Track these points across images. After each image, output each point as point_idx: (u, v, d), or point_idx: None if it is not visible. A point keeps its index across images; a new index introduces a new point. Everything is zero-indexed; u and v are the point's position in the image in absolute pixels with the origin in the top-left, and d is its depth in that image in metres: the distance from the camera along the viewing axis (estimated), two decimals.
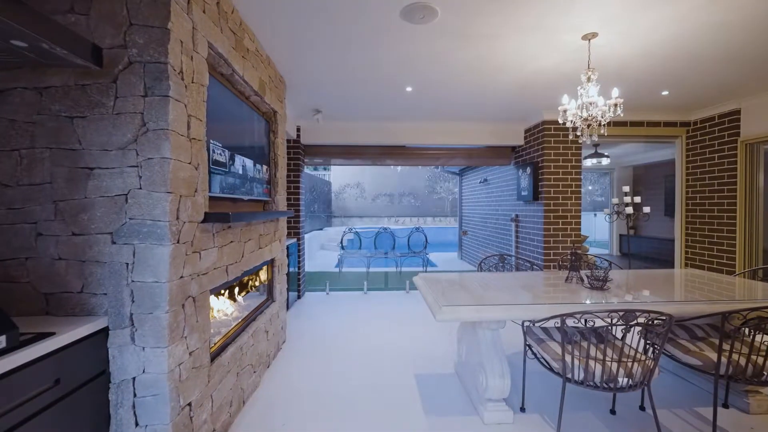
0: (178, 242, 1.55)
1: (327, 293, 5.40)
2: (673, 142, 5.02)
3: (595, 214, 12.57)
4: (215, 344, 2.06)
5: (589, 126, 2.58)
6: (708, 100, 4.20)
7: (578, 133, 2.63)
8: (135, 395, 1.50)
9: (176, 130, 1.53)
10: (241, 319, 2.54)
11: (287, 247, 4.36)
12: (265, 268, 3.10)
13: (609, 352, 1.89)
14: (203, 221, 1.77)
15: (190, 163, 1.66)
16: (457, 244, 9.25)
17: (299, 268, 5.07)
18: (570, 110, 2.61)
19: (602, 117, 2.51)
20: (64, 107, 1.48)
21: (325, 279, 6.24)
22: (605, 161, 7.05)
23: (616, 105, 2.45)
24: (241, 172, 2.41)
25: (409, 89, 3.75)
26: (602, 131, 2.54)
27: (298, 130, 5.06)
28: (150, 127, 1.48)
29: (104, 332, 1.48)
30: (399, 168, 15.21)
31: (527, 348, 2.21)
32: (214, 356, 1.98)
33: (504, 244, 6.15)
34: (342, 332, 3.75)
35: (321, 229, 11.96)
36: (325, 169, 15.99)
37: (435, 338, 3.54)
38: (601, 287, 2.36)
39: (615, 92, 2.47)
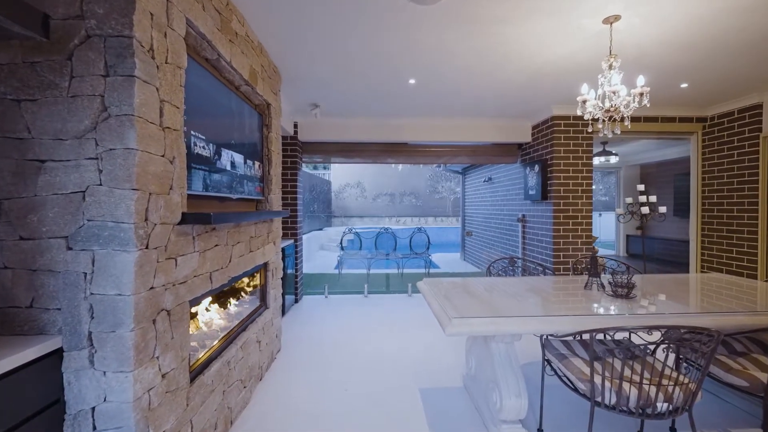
0: (146, 247, 1.32)
1: (326, 296, 5.18)
2: (687, 139, 4.79)
3: (600, 214, 12.34)
4: (197, 361, 1.84)
5: (611, 119, 2.36)
6: (728, 94, 3.97)
7: (599, 126, 2.40)
8: (94, 428, 1.27)
9: (144, 116, 1.31)
10: (229, 330, 2.32)
11: (283, 249, 4.14)
12: (257, 272, 2.87)
13: (638, 369, 1.67)
14: (180, 223, 1.55)
15: (163, 156, 1.43)
16: (460, 244, 9.02)
17: (297, 271, 4.85)
18: (590, 101, 2.38)
19: (626, 108, 2.28)
20: (9, 88, 1.26)
21: (324, 281, 6.01)
22: (614, 159, 6.82)
23: (642, 94, 2.22)
24: (229, 168, 2.19)
25: (412, 81, 3.52)
26: (626, 124, 2.31)
27: (296, 126, 4.84)
28: (112, 113, 1.26)
29: (58, 354, 1.26)
30: (400, 167, 14.99)
31: (546, 363, 1.99)
32: (196, 375, 1.76)
33: (510, 245, 5.93)
34: (341, 340, 3.52)
35: (321, 230, 11.74)
36: (324, 168, 15.77)
37: (440, 346, 3.32)
38: (626, 295, 2.14)
39: (640, 80, 2.24)
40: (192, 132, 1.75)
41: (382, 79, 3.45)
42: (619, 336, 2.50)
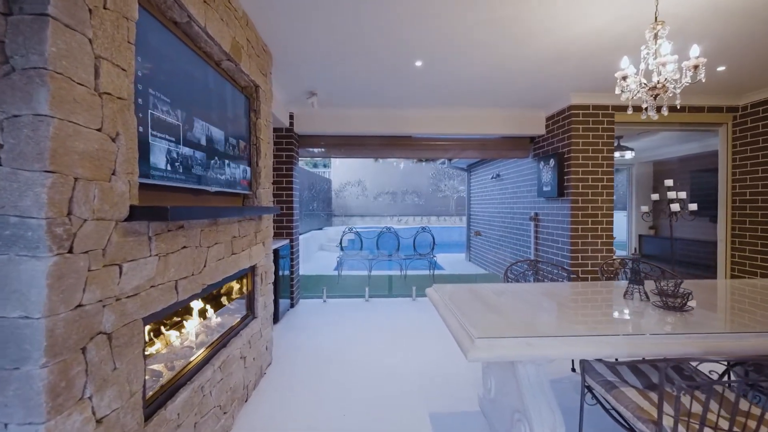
0: (69, 251, 0.97)
1: (324, 301, 4.83)
2: (715, 131, 4.42)
3: None
4: (157, 391, 1.49)
5: (656, 97, 2.00)
6: (765, 79, 3.60)
7: (644, 106, 2.03)
8: None
9: (65, 72, 0.96)
10: (207, 346, 1.97)
11: (277, 251, 3.79)
12: (243, 277, 2.53)
13: (716, 407, 1.31)
14: (128, 219, 1.20)
15: (99, 130, 1.08)
16: (465, 245, 8.67)
17: (292, 273, 4.50)
18: (631, 77, 2.01)
19: (676, 85, 1.92)
20: None
21: (322, 283, 5.67)
22: (629, 155, 6.46)
23: (696, 67, 1.86)
24: (202, 155, 1.84)
25: (418, 64, 3.16)
26: (676, 102, 1.95)
27: (291, 117, 4.49)
28: (16, 65, 0.91)
29: None
30: (402, 165, 14.63)
31: (586, 391, 1.63)
32: (155, 410, 1.41)
33: (520, 245, 5.57)
34: (340, 351, 3.17)
35: (320, 229, 11.40)
36: (325, 166, 15.44)
37: (451, 359, 2.96)
38: (680, 307, 1.78)
39: (694, 50, 1.87)
40: (152, 107, 1.40)
41: (387, 59, 3.10)
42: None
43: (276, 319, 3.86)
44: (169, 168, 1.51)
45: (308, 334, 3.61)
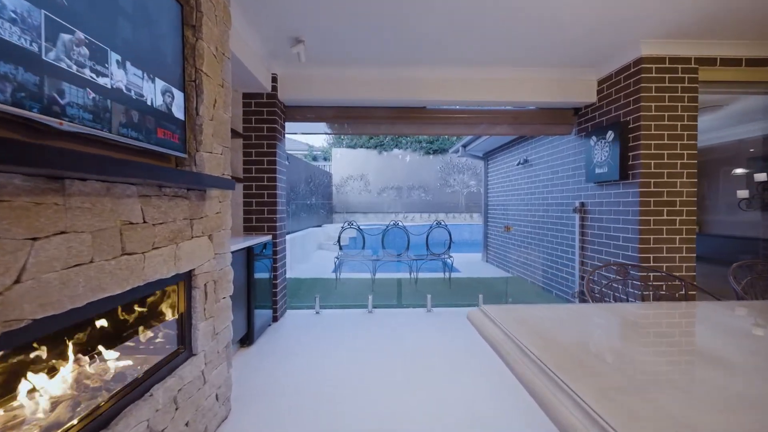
0: None
1: (317, 312, 3.87)
2: None
3: None
4: None
5: None
6: None
7: None
8: None
9: None
10: (82, 419, 1.02)
11: (250, 248, 2.84)
12: (169, 291, 1.57)
13: None
14: None
15: None
16: (482, 243, 7.68)
17: (275, 278, 3.55)
18: None
19: None
20: None
21: (317, 289, 4.72)
22: None
23: None
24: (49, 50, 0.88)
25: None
26: None
27: (274, 80, 3.53)
28: None
29: None
30: (408, 157, 13.62)
31: None
32: None
33: (557, 244, 4.58)
34: (333, 391, 2.21)
35: (319, 226, 10.45)
36: (325, 159, 14.51)
37: (495, 406, 1.99)
38: None
39: None
40: None
41: None
42: None
43: (249, 340, 2.91)
44: None
45: (291, 362, 2.65)
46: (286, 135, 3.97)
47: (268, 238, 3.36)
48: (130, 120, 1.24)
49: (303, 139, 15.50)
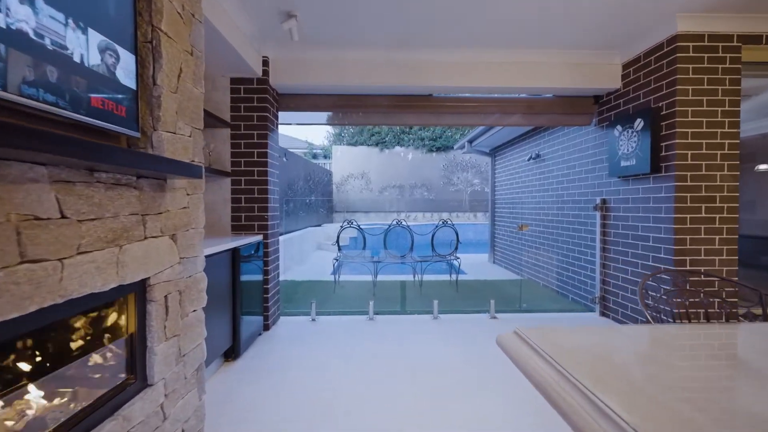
0: None
1: (313, 319, 3.54)
2: None
3: None
4: None
5: None
6: None
7: None
8: None
9: None
10: None
11: (236, 249, 2.52)
12: (116, 306, 1.24)
13: None
14: None
15: None
16: (489, 244, 7.34)
17: (267, 282, 3.21)
18: None
19: None
20: None
21: (314, 293, 4.39)
22: None
23: None
24: None
25: None
26: None
27: (266, 64, 3.19)
28: None
29: None
30: (410, 155, 13.28)
31: None
32: None
33: (574, 245, 4.23)
34: (328, 412, 1.87)
35: (319, 226, 10.12)
36: (325, 156, 14.19)
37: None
38: None
39: None
40: None
41: None
42: None
43: (235, 353, 2.58)
44: None
45: (280, 381, 2.32)
46: (280, 126, 3.64)
47: (258, 238, 3.04)
48: (44, 78, 0.91)
49: (303, 136, 15.18)
